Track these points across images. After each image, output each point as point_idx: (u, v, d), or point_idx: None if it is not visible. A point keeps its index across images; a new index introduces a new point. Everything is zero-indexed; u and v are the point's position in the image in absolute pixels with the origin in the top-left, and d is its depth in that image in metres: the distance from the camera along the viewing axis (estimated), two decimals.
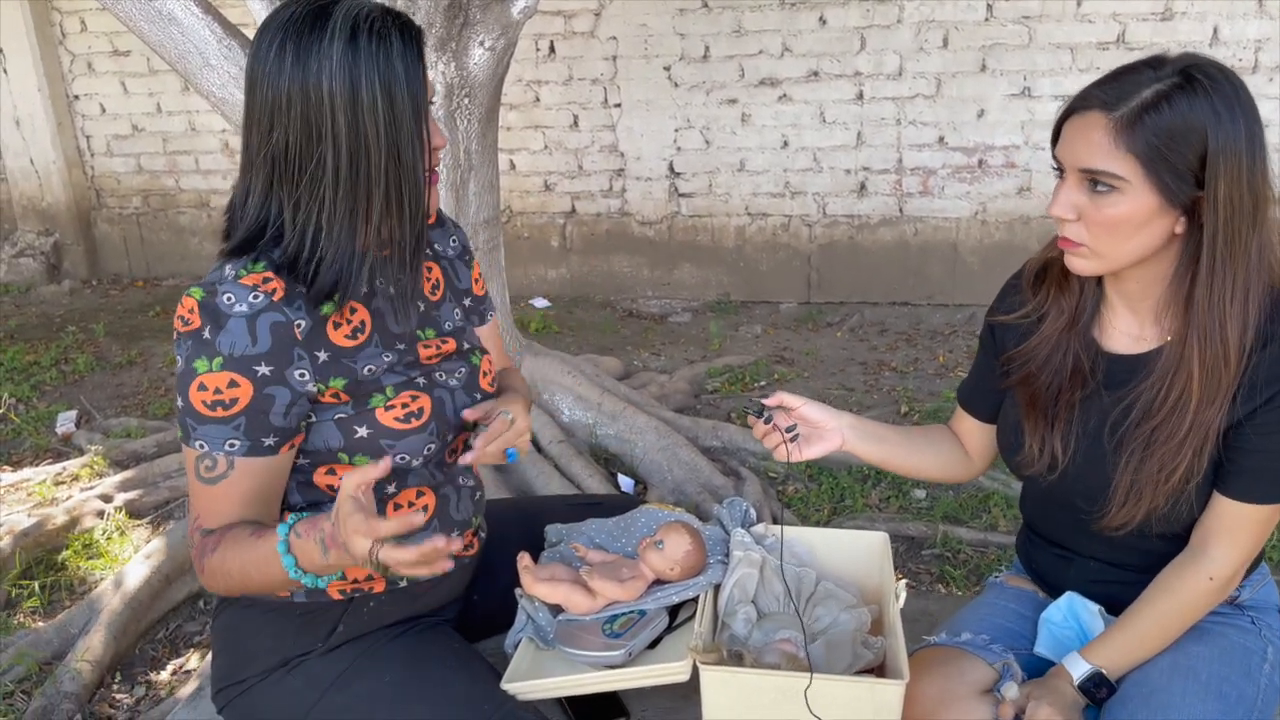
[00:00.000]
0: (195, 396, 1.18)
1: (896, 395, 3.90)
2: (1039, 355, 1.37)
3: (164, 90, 5.65)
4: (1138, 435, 1.28)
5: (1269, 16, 4.35)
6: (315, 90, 1.16)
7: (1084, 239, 1.22)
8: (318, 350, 1.24)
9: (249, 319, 1.18)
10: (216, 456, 1.20)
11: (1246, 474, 1.24)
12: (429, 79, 1.26)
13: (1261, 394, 1.21)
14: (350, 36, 1.16)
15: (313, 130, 1.17)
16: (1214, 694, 1.26)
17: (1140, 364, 1.30)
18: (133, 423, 3.80)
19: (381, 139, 1.18)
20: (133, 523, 3.07)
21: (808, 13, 4.77)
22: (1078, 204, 1.21)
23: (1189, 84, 1.15)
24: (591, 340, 4.72)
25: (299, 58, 1.16)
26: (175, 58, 2.65)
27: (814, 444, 1.43)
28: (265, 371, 1.19)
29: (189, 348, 1.19)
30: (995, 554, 2.79)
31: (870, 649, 1.37)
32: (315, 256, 1.21)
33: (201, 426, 1.20)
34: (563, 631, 1.39)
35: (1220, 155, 1.14)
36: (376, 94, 1.17)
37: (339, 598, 1.35)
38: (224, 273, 1.21)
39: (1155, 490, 1.26)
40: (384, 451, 1.29)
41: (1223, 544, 1.27)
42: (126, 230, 6.00)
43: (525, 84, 5.16)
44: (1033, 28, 4.57)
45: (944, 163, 4.86)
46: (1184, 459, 1.24)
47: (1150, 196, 1.17)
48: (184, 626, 2.65)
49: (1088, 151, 1.18)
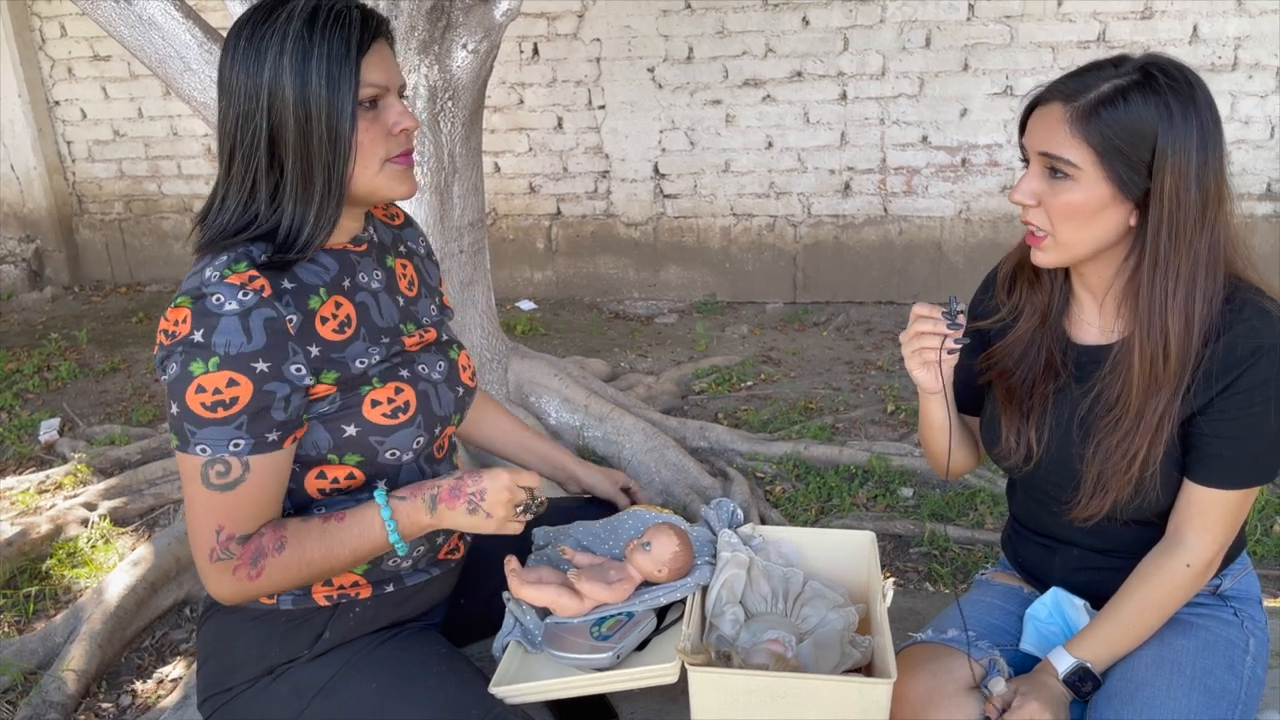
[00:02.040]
0: (193, 400, 1.17)
1: (883, 394, 3.91)
2: (1015, 352, 1.41)
3: (145, 95, 5.61)
4: (1102, 426, 1.32)
5: (1248, 14, 4.38)
6: (269, 67, 1.19)
7: (1045, 226, 1.27)
8: (310, 345, 1.24)
9: (241, 316, 1.17)
10: (229, 460, 1.19)
11: (1212, 460, 1.28)
12: (394, 65, 1.27)
13: (1217, 383, 1.25)
14: (309, 15, 1.20)
15: (258, 104, 1.19)
16: (1198, 688, 1.28)
17: (1104, 355, 1.34)
18: (116, 430, 3.78)
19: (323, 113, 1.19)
20: (117, 531, 3.05)
21: (790, 13, 4.78)
22: (1038, 191, 1.26)
23: (1147, 82, 1.20)
24: (578, 342, 4.72)
25: (254, 39, 1.20)
26: (156, 62, 2.64)
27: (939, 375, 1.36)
28: (263, 368, 1.19)
29: (181, 354, 1.17)
30: (982, 551, 2.80)
31: (858, 648, 1.38)
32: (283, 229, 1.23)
33: (202, 430, 1.18)
34: (550, 634, 1.38)
35: (1168, 152, 1.19)
36: (325, 65, 1.19)
37: (325, 604, 1.34)
38: (205, 276, 1.20)
39: (1120, 480, 1.30)
40: (375, 449, 1.29)
41: (1197, 530, 1.30)
42: (109, 236, 5.96)
43: (509, 86, 5.16)
44: (1014, 27, 4.59)
45: (928, 162, 4.88)
46: (1140, 448, 1.28)
47: (1103, 186, 1.22)
48: (170, 634, 2.63)
49: (1047, 137, 1.24)
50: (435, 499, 1.26)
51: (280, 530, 1.23)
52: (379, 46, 1.25)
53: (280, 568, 1.22)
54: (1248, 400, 1.24)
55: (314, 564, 1.24)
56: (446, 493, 1.26)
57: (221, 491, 1.19)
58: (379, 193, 1.29)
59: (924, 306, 1.34)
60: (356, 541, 1.25)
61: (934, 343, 1.32)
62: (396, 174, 1.29)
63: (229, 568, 1.21)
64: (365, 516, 1.25)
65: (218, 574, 1.22)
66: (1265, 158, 4.59)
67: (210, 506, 1.20)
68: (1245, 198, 4.64)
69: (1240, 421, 1.26)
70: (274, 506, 1.25)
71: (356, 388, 1.28)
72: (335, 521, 1.25)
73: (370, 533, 1.25)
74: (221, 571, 1.22)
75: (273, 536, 1.22)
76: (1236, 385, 1.24)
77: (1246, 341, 1.23)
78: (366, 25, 1.23)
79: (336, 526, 1.24)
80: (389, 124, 1.26)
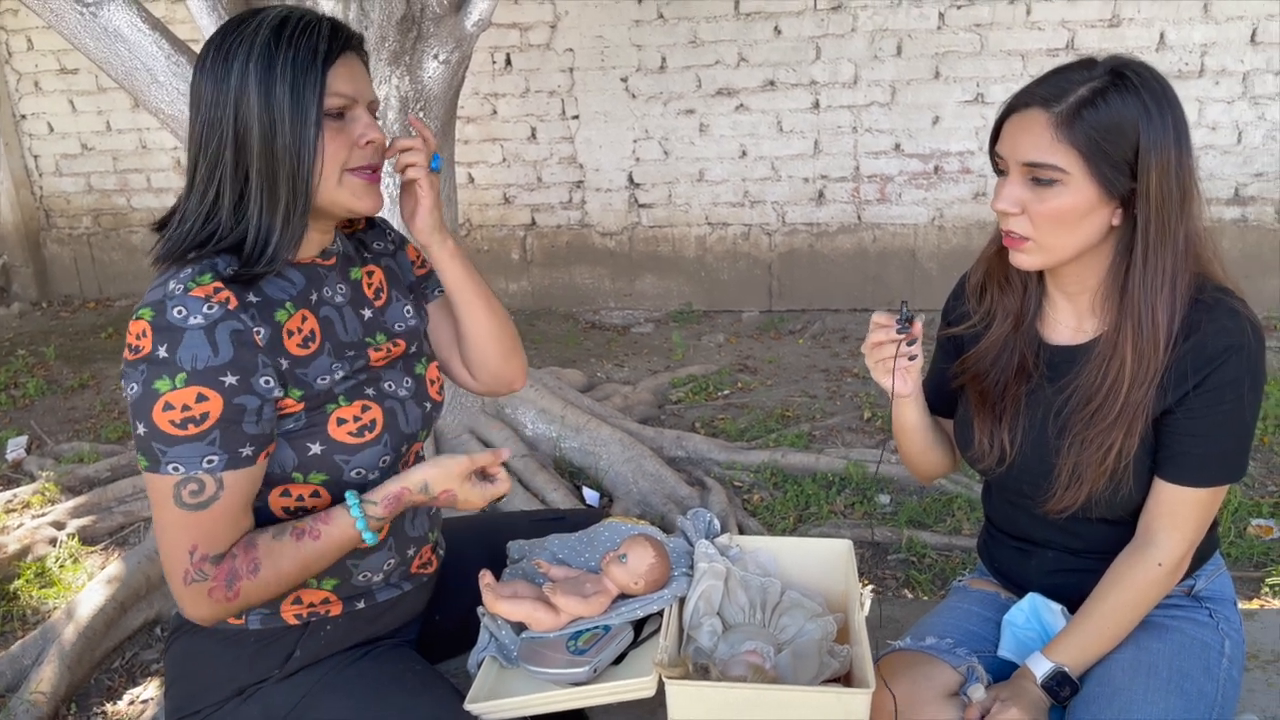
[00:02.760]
0: (161, 418, 1.14)
1: (859, 401, 3.92)
2: (988, 356, 1.42)
3: (113, 108, 5.56)
4: (1078, 420, 1.33)
5: (1214, 21, 4.44)
6: (235, 74, 1.18)
7: (1029, 233, 1.27)
8: (278, 358, 1.22)
9: (206, 330, 1.15)
10: (202, 478, 1.16)
11: (1182, 458, 1.29)
12: (365, 79, 1.26)
13: (1190, 380, 1.26)
14: (277, 26, 1.19)
15: (224, 112, 1.18)
16: (1175, 691, 1.28)
17: (1080, 354, 1.35)
18: (85, 447, 3.72)
19: (286, 121, 1.18)
20: (86, 550, 3.00)
21: (763, 23, 4.80)
22: (1021, 198, 1.25)
23: (1121, 82, 1.21)
24: (554, 353, 4.70)
25: (223, 49, 1.20)
26: (122, 75, 2.61)
27: (908, 379, 1.39)
28: (232, 381, 1.16)
29: (144, 372, 1.14)
30: (960, 557, 2.80)
31: (836, 657, 1.37)
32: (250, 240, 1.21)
33: (173, 449, 1.15)
34: (526, 649, 1.36)
35: (1151, 149, 1.20)
36: (290, 73, 1.18)
37: (295, 622, 1.32)
38: (169, 288, 1.17)
39: (1095, 471, 1.31)
40: (340, 468, 1.27)
41: (1167, 529, 1.31)
42: (77, 251, 5.89)
43: (482, 97, 5.14)
44: (984, 35, 4.63)
45: (900, 169, 4.91)
46: (1117, 438, 1.29)
47: (1090, 188, 1.22)
48: (140, 655, 2.58)
49: (1030, 146, 1.23)
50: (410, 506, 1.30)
51: (252, 552, 1.21)
52: (349, 59, 1.24)
53: (255, 588, 1.21)
54: (1218, 398, 1.25)
55: (290, 580, 1.23)
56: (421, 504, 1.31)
57: (195, 511, 1.17)
58: (341, 205, 1.26)
59: (881, 315, 1.36)
60: (334, 554, 1.26)
61: (890, 350, 1.35)
62: (358, 187, 1.26)
63: (204, 590, 1.18)
64: (339, 530, 1.25)
65: (193, 597, 1.19)
66: (1232, 162, 4.65)
67: (183, 527, 1.17)
68: (1214, 202, 4.70)
69: (1210, 419, 1.27)
70: (246, 522, 1.23)
71: (322, 405, 1.26)
72: (310, 539, 1.23)
73: (347, 545, 1.26)
74: (197, 594, 1.19)
75: (245, 559, 1.20)
76: (1207, 383, 1.25)
77: (1217, 340, 1.24)
78: (335, 36, 1.22)
79: (311, 544, 1.23)
80: (355, 135, 1.24)
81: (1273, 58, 4.45)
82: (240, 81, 1.18)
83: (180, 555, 1.18)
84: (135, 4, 2.55)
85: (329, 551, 1.25)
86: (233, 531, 1.20)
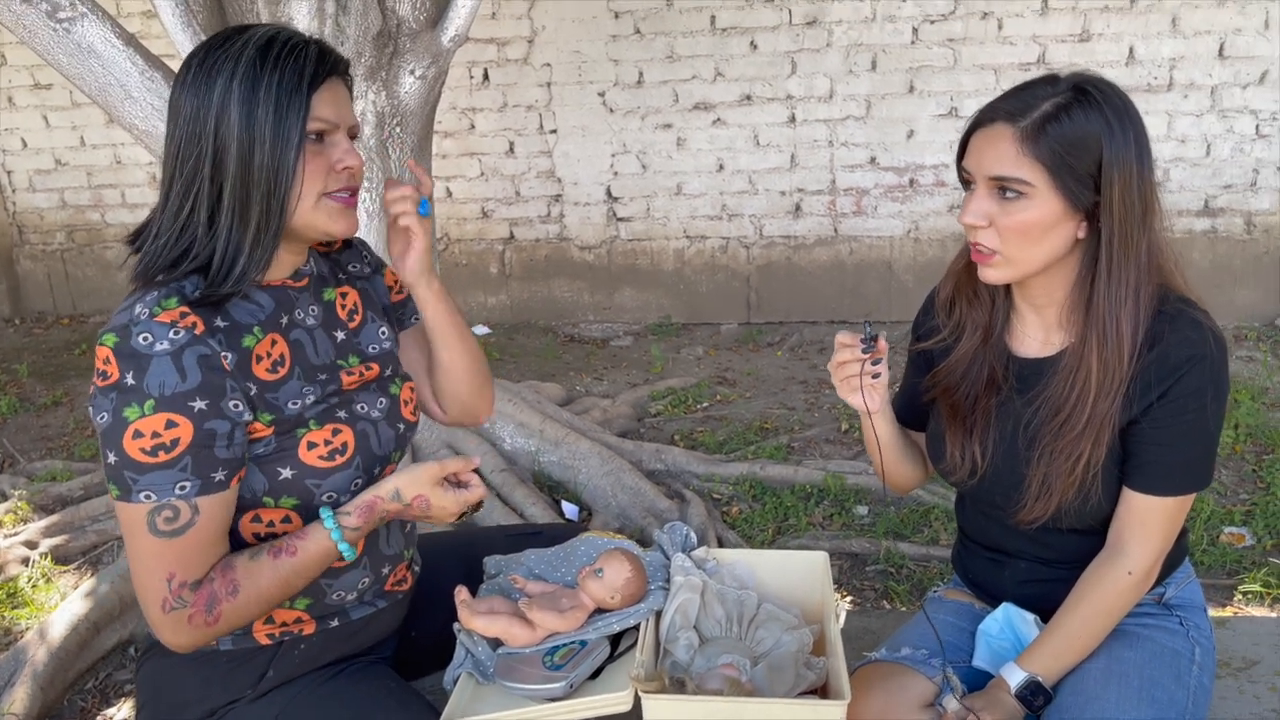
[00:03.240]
0: (131, 446, 1.13)
1: (837, 413, 3.94)
2: (958, 370, 1.43)
3: (87, 123, 5.52)
4: (1047, 432, 1.34)
5: (1182, 36, 4.51)
6: (216, 93, 1.17)
7: (996, 246, 1.28)
8: (247, 382, 1.21)
9: (173, 355, 1.14)
10: (176, 505, 1.15)
11: (1149, 468, 1.31)
12: (348, 106, 1.25)
13: (1154, 390, 1.28)
14: (263, 46, 1.18)
15: (201, 128, 1.18)
16: (1146, 699, 1.30)
17: (1048, 366, 1.36)
18: (58, 465, 3.68)
19: (267, 141, 1.18)
20: (59, 569, 2.97)
21: (739, 38, 4.83)
22: (988, 211, 1.27)
23: (1084, 97, 1.23)
24: (533, 366, 4.70)
25: (205, 65, 1.19)
26: (96, 90, 2.59)
27: (874, 396, 1.40)
28: (201, 406, 1.15)
29: (113, 400, 1.13)
30: (938, 568, 2.81)
31: (813, 670, 1.37)
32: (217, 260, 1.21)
33: (144, 476, 1.14)
34: (502, 665, 1.36)
35: (1114, 163, 1.22)
36: (274, 94, 1.17)
37: (267, 642, 1.31)
38: (134, 312, 1.16)
39: (1064, 482, 1.33)
40: (311, 492, 1.26)
41: (1137, 538, 1.33)
42: (50, 267, 5.84)
43: (460, 111, 5.15)
44: (957, 50, 4.68)
45: (876, 183, 4.94)
46: (1085, 449, 1.30)
47: (1056, 201, 1.24)
48: (114, 675, 2.55)
49: (996, 160, 1.25)
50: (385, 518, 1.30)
51: (230, 574, 1.19)
52: (334, 84, 1.23)
53: (236, 610, 1.19)
54: (1182, 408, 1.27)
55: (271, 599, 1.22)
56: (395, 514, 1.30)
57: (170, 538, 1.15)
58: (316, 227, 1.26)
59: (845, 335, 1.37)
60: (313, 569, 1.25)
61: (855, 369, 1.36)
62: (334, 210, 1.26)
63: (183, 617, 1.17)
64: (317, 545, 1.24)
65: (173, 624, 1.18)
66: (1201, 175, 4.71)
67: (159, 555, 1.16)
68: (1184, 214, 4.76)
69: (1175, 429, 1.29)
70: (222, 546, 1.22)
71: (292, 430, 1.25)
72: (287, 556, 1.22)
73: (326, 559, 1.26)
74: (176, 621, 1.17)
75: (224, 581, 1.19)
76: (1171, 393, 1.27)
77: (1180, 350, 1.26)
78: (323, 60, 1.22)
79: (289, 560, 1.22)
80: (332, 160, 1.24)
81: (1240, 71, 4.53)
82: (223, 99, 1.17)
83: (157, 584, 1.16)
84: (109, 20, 2.54)
85: (307, 567, 1.24)
86: (209, 557, 1.19)
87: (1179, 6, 4.48)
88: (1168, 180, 4.72)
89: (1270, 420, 3.63)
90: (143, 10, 5.13)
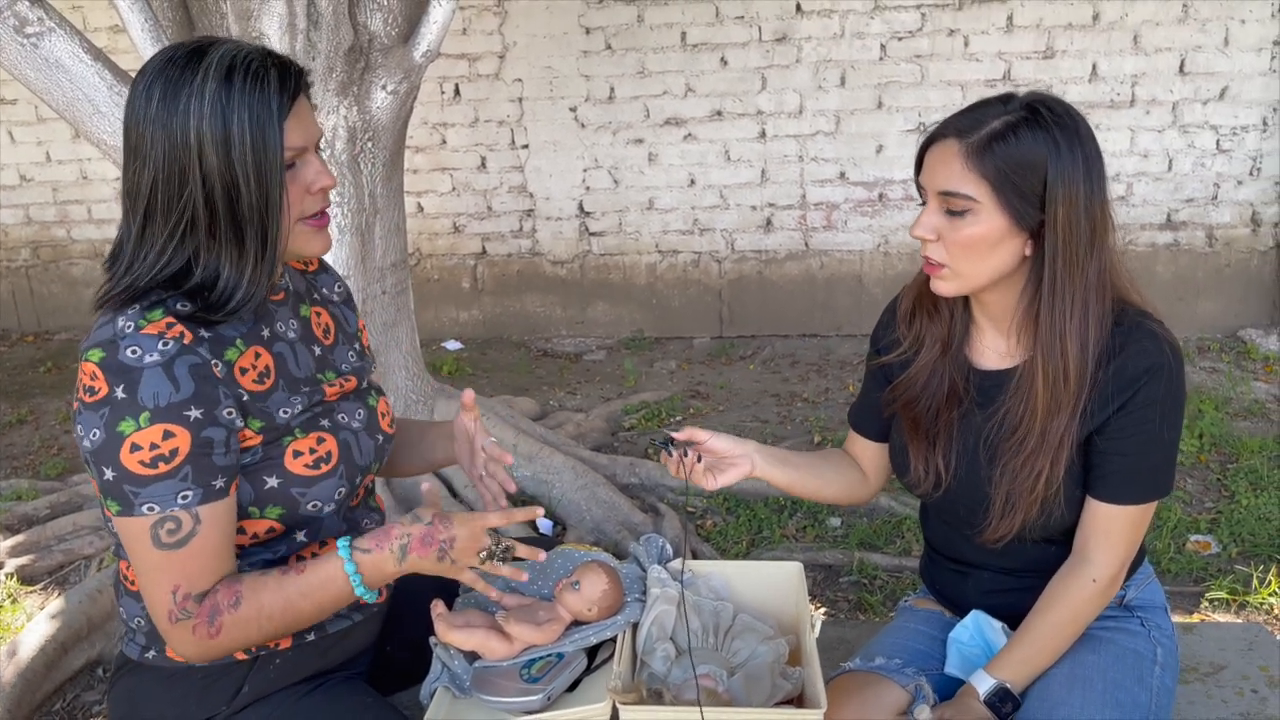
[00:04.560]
0: (130, 460, 1.12)
1: (809, 425, 3.96)
2: (918, 382, 1.45)
3: (53, 139, 5.46)
4: (1007, 448, 1.36)
5: (1144, 53, 4.60)
6: (183, 129, 1.14)
7: (945, 259, 1.31)
8: (237, 390, 1.21)
9: (164, 366, 1.13)
10: (178, 515, 1.14)
11: (1111, 477, 1.33)
12: (312, 121, 1.24)
13: (1113, 403, 1.30)
14: (225, 75, 1.15)
15: (180, 169, 1.15)
16: (1110, 702, 1.32)
17: (1006, 379, 1.38)
18: (24, 484, 3.63)
19: (251, 176, 1.16)
20: (25, 589, 2.92)
21: (709, 54, 4.87)
22: (937, 226, 1.30)
23: (1034, 117, 1.25)
24: (506, 381, 4.69)
25: (168, 97, 1.15)
26: (63, 105, 2.57)
27: (726, 472, 1.43)
28: (197, 414, 1.14)
29: (104, 416, 1.12)
30: (910, 578, 2.84)
31: (789, 679, 1.38)
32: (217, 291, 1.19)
33: (146, 489, 1.13)
34: (479, 678, 1.36)
35: (1059, 183, 1.24)
36: (247, 131, 1.15)
37: (243, 657, 1.30)
38: (118, 326, 1.15)
39: (1027, 499, 1.34)
40: (296, 501, 1.26)
41: (1101, 547, 1.35)
42: (15, 283, 5.76)
43: (431, 126, 5.15)
44: (925, 66, 4.75)
45: (846, 197, 4.99)
46: (1044, 467, 1.32)
47: (1000, 218, 1.26)
48: (81, 696, 2.52)
49: (944, 175, 1.28)
50: (405, 549, 1.22)
51: (234, 585, 1.19)
52: (299, 104, 1.21)
53: (238, 623, 1.18)
54: (1143, 418, 1.30)
55: (274, 618, 1.19)
56: (418, 542, 1.22)
57: (174, 549, 1.14)
58: (293, 250, 1.26)
59: (663, 454, 1.43)
60: (319, 594, 1.21)
61: (686, 469, 1.40)
62: (309, 233, 1.26)
63: (188, 627, 1.17)
64: (326, 568, 1.21)
65: (179, 634, 1.17)
66: (1164, 189, 4.80)
67: (164, 568, 1.15)
68: (1147, 228, 4.84)
69: (1136, 439, 1.31)
70: (227, 558, 1.20)
71: (279, 439, 1.25)
72: (294, 574, 1.21)
73: (333, 586, 1.21)
74: (182, 631, 1.17)
75: (227, 592, 1.18)
76: (1131, 404, 1.29)
77: (1138, 362, 1.29)
78: (285, 84, 1.18)
79: (295, 578, 1.20)
80: (306, 182, 1.23)
81: (1200, 87, 4.62)
82: (197, 142, 1.14)
83: (163, 596, 1.16)
84: (77, 34, 2.52)
85: (313, 589, 1.20)
86: (214, 566, 1.18)
87: (1140, 24, 4.57)
88: (1131, 195, 4.80)
89: (1233, 430, 3.69)
90: (110, 25, 5.09)
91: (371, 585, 1.23)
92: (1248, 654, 1.83)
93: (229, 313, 1.20)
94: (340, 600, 1.23)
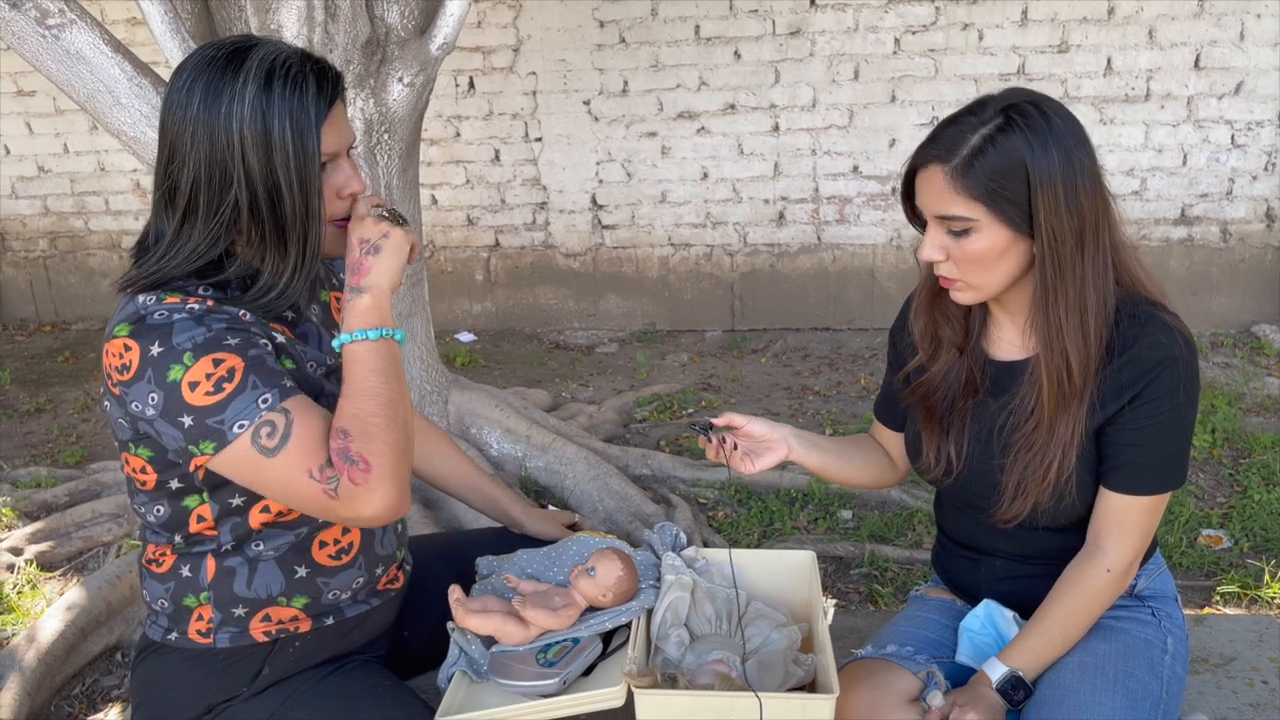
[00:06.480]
0: (195, 397, 1.13)
1: (821, 419, 3.97)
2: (935, 379, 1.47)
3: (71, 130, 5.51)
4: (1018, 437, 1.38)
5: (1159, 47, 4.58)
6: (225, 132, 1.16)
7: (957, 275, 1.33)
8: (270, 332, 1.24)
9: (195, 318, 1.16)
10: (269, 419, 1.13)
11: (1125, 468, 1.34)
12: (347, 125, 1.26)
13: (1127, 393, 1.31)
14: (265, 80, 1.17)
15: (221, 171, 1.17)
16: (1121, 691, 1.33)
17: (1021, 369, 1.40)
18: (43, 472, 3.67)
19: (293, 182, 1.18)
20: (44, 575, 2.96)
21: (723, 47, 4.87)
22: (944, 245, 1.32)
23: (1008, 124, 1.25)
24: (519, 373, 4.71)
25: (209, 98, 1.17)
26: (84, 97, 2.60)
27: (764, 456, 1.50)
28: (236, 341, 1.16)
29: (151, 376, 1.13)
30: (921, 570, 2.85)
31: (801, 666, 1.40)
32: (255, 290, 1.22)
33: (226, 411, 1.13)
34: (496, 663, 1.38)
35: (1039, 185, 1.24)
36: (288, 138, 1.17)
37: (263, 639, 1.32)
38: (139, 302, 1.18)
39: (1039, 486, 1.36)
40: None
41: (1115, 536, 1.36)
42: (33, 274, 5.81)
43: (445, 119, 5.16)
44: (938, 60, 4.74)
45: (859, 191, 4.99)
46: (1054, 457, 1.34)
47: (1000, 230, 1.28)
48: (101, 681, 2.55)
49: (937, 201, 1.29)
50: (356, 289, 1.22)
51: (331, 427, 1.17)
52: (334, 109, 1.23)
53: (365, 442, 1.14)
54: (1156, 409, 1.31)
55: (375, 414, 1.16)
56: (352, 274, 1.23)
57: (282, 448, 1.13)
58: None
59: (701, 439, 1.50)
60: (367, 373, 1.19)
61: (724, 454, 1.47)
62: (335, 235, 1.29)
63: (347, 486, 1.14)
64: (349, 367, 1.20)
65: (348, 499, 1.14)
66: (1178, 184, 4.78)
67: (287, 468, 1.14)
68: (1161, 222, 4.83)
69: (1149, 430, 1.32)
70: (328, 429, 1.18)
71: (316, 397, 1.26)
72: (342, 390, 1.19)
73: (363, 361, 1.20)
74: (348, 495, 1.14)
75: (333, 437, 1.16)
76: (1144, 395, 1.30)
77: (1151, 354, 1.29)
78: (322, 89, 1.20)
79: (345, 389, 1.19)
80: (337, 186, 1.25)
81: (1216, 82, 4.60)
82: (240, 142, 1.16)
83: (309, 487, 1.15)
84: (98, 26, 2.55)
85: (358, 378, 1.18)
86: (322, 437, 1.16)
87: (1156, 18, 4.55)
88: (1145, 189, 4.79)
89: (1246, 425, 3.69)
90: (128, 18, 5.12)
91: (371, 325, 1.21)
92: (1257, 646, 1.84)
93: (263, 307, 1.23)
94: (386, 355, 1.20)
